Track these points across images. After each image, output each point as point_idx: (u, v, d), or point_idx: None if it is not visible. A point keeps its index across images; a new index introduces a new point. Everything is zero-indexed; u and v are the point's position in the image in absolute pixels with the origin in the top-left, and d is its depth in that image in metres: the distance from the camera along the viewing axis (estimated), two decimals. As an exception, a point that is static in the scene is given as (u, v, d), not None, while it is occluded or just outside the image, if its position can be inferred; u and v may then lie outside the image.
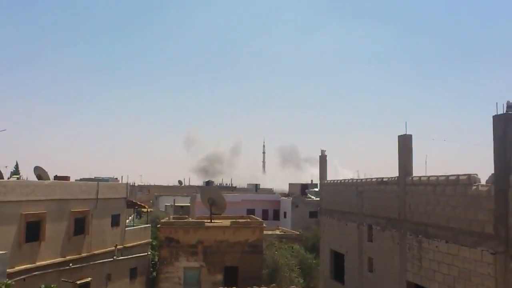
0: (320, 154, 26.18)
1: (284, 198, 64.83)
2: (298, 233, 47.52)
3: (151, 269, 38.40)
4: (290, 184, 76.79)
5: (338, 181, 23.28)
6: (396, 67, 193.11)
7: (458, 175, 12.71)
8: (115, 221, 33.59)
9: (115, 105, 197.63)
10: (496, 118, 11.33)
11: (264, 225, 35.67)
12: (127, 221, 40.63)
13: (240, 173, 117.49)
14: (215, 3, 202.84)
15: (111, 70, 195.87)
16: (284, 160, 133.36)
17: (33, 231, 26.00)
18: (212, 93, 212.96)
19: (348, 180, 22.14)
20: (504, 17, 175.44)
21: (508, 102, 11.28)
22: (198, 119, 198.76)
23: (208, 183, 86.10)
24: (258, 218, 39.44)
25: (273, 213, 64.12)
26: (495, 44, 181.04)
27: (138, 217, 58.28)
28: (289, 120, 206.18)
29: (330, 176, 26.11)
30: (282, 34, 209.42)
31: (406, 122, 16.34)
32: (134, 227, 38.56)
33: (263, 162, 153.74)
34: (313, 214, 53.39)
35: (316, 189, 56.80)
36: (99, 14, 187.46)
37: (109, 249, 32.10)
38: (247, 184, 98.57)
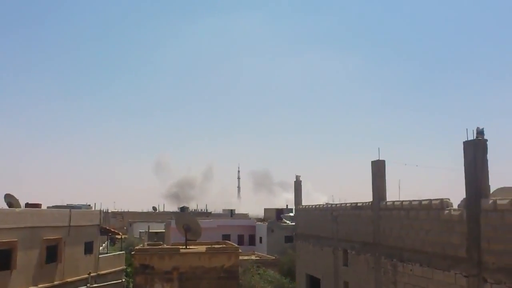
0: (295, 180, 26.32)
1: (259, 223, 64.72)
2: (274, 257, 47.39)
3: (126, 296, 37.86)
4: (265, 209, 76.67)
5: (313, 206, 23.41)
6: (370, 93, 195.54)
7: (431, 200, 12.93)
8: (89, 248, 33.11)
9: (87, 130, 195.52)
10: (467, 144, 11.61)
11: (240, 250, 35.49)
12: (101, 248, 40.09)
13: (213, 199, 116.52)
14: (187, 28, 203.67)
15: (82, 95, 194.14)
16: (257, 185, 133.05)
17: (4, 259, 25.48)
18: (182, 119, 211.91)
19: (323, 205, 22.28)
20: (473, 43, 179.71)
21: (477, 128, 11.56)
22: (169, 144, 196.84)
23: (183, 209, 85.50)
24: (233, 244, 39.24)
25: (249, 238, 63.91)
26: (465, 71, 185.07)
27: (112, 244, 57.52)
28: (261, 145, 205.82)
29: (304, 200, 26.25)
30: (254, 59, 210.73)
31: (379, 148, 16.62)
32: (108, 254, 38.04)
33: (238, 187, 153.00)
34: (288, 239, 53.31)
35: (291, 214, 56.84)
36: (70, 35, 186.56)
37: (82, 276, 31.55)
38: (222, 210, 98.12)
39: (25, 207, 31.89)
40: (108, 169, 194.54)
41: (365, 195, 17.46)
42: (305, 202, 26.02)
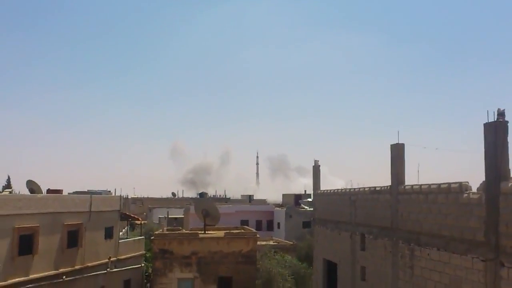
0: (313, 165, 26.29)
1: (277, 208, 64.82)
2: (292, 243, 47.47)
3: (145, 280, 38.27)
4: (283, 195, 76.72)
5: (332, 191, 23.38)
6: (388, 76, 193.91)
7: (450, 183, 12.83)
8: (109, 233, 33.51)
9: (107, 117, 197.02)
10: (487, 126, 11.48)
11: (258, 235, 35.68)
12: (121, 233, 40.50)
13: (229, 185, 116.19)
14: (205, 13, 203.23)
15: (101, 81, 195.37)
16: (274, 170, 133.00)
17: (26, 244, 25.92)
18: (199, 105, 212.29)
19: (341, 189, 22.25)
20: (494, 25, 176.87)
21: (498, 109, 11.41)
22: (185, 130, 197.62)
23: (202, 195, 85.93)
24: (251, 229, 39.44)
25: (267, 224, 64.08)
26: (486, 52, 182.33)
27: (132, 229, 58.08)
28: (278, 130, 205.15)
29: (321, 185, 26.23)
30: (271, 43, 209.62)
31: (398, 131, 16.51)
32: (128, 239, 38.45)
33: (257, 173, 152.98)
34: (306, 224, 53.38)
35: (310, 200, 56.82)
36: (83, 25, 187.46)
37: (102, 261, 32.02)
38: (241, 195, 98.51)
39: (47, 193, 32.33)
40: (128, 155, 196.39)
41: (383, 180, 17.40)
42: (323, 187, 26.01)
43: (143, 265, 38.16)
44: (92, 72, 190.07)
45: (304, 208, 60.52)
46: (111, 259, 32.65)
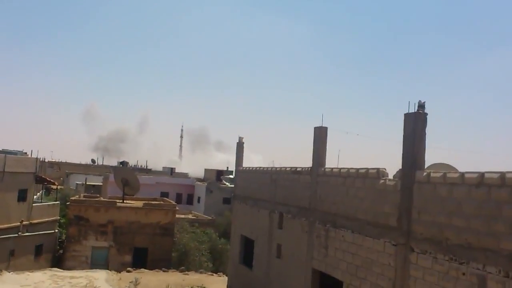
0: (237, 141, 26.34)
1: (199, 183, 64.86)
2: (211, 218, 47.74)
3: (58, 247, 37.37)
4: (205, 170, 76.76)
5: (253, 169, 23.55)
6: (318, 61, 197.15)
7: (368, 169, 13.21)
8: (22, 196, 32.40)
9: (27, 77, 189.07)
10: (407, 116, 11.84)
11: (177, 208, 35.58)
12: (35, 197, 39.25)
13: (145, 155, 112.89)
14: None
15: (23, 42, 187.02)
16: (194, 143, 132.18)
17: None
18: (120, 68, 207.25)
19: (263, 168, 22.44)
20: (419, 15, 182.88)
21: (419, 101, 11.78)
22: (104, 95, 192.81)
23: (123, 163, 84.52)
24: (171, 201, 39.27)
25: (187, 198, 64.08)
26: (410, 45, 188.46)
27: (47, 194, 56.42)
28: (201, 103, 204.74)
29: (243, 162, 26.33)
30: (205, 13, 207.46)
31: (322, 114, 16.78)
32: (42, 203, 37.31)
33: (180, 146, 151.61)
34: (226, 201, 53.80)
35: (231, 176, 57.16)
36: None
37: (14, 224, 30.96)
38: (162, 168, 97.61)
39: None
40: (46, 118, 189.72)
41: (305, 162, 17.66)
42: (244, 164, 26.13)
43: (56, 231, 37.19)
44: (16, 31, 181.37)
45: (225, 184, 60.88)
46: (23, 222, 31.62)
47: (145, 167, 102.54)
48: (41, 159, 57.83)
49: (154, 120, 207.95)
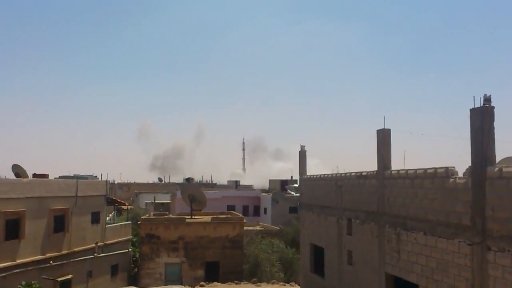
0: (299, 150, 26.32)
1: (264, 194, 65.06)
2: (279, 228, 47.74)
3: (132, 265, 38.33)
4: (270, 180, 76.97)
5: (318, 176, 23.45)
6: (375, 62, 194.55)
7: (436, 168, 12.91)
8: (95, 218, 33.45)
9: (94, 102, 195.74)
10: (473, 111, 11.54)
11: (245, 220, 35.81)
12: (107, 218, 40.46)
13: (202, 169, 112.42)
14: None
15: (87, 66, 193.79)
16: (251, 154, 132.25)
17: (12, 229, 25.83)
18: (174, 87, 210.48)
19: (328, 175, 22.31)
20: (481, 13, 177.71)
21: (485, 95, 11.47)
22: (157, 113, 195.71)
23: (188, 180, 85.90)
24: (238, 214, 39.57)
25: (254, 209, 64.33)
26: (472, 38, 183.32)
27: (118, 214, 58.04)
28: (257, 114, 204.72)
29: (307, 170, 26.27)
30: (253, 27, 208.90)
31: (384, 117, 16.58)
32: (114, 224, 38.41)
33: (243, 158, 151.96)
34: (293, 210, 53.68)
35: (296, 185, 57.05)
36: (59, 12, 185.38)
37: (89, 246, 32.00)
38: (227, 181, 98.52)
39: (33, 178, 32.13)
40: (115, 141, 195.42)
41: (370, 165, 17.44)
42: (308, 172, 26.07)
43: (130, 250, 38.18)
44: (70, 55, 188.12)
45: (290, 193, 60.79)
46: (98, 244, 32.63)
47: (210, 182, 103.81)
48: (110, 182, 59.67)
49: (209, 133, 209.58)
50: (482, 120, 11.19)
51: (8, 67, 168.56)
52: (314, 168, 25.92)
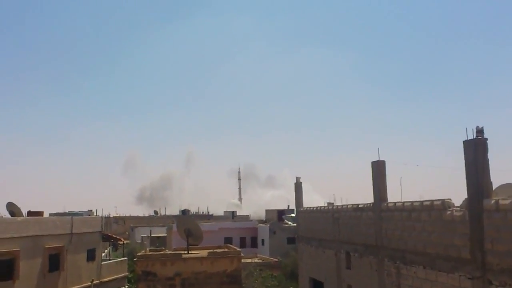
0: (295, 181, 26.23)
1: (261, 225, 64.62)
2: (277, 260, 47.30)
3: (129, 303, 37.83)
4: (266, 211, 76.64)
5: (314, 208, 23.33)
6: (366, 91, 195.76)
7: (432, 201, 12.85)
8: (91, 255, 33.09)
9: (85, 136, 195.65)
10: (467, 143, 11.54)
11: (242, 254, 35.39)
12: (103, 254, 40.04)
13: (190, 199, 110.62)
14: (179, 27, 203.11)
15: (75, 100, 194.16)
16: (243, 181, 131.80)
17: (6, 269, 25.53)
18: (159, 113, 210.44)
19: (324, 207, 22.22)
20: (474, 42, 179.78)
21: (477, 127, 11.49)
22: (144, 146, 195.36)
23: (184, 212, 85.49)
24: (235, 247, 39.08)
25: (251, 241, 63.81)
26: (465, 69, 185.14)
27: (114, 249, 57.47)
28: (249, 142, 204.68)
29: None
30: (247, 57, 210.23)
31: (378, 148, 16.54)
32: (110, 261, 37.99)
33: (239, 188, 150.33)
34: (291, 240, 53.21)
35: (293, 215, 56.74)
36: (62, 33, 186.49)
37: (85, 284, 31.59)
38: (224, 212, 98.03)
39: (27, 216, 31.85)
40: (108, 174, 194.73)
41: (365, 194, 17.40)
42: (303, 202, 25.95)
43: (126, 287, 37.68)
44: (69, 87, 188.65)
45: (288, 223, 60.39)
46: (94, 282, 32.18)
47: (206, 213, 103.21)
48: (106, 216, 59.31)
49: (199, 161, 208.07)
50: (476, 152, 11.19)
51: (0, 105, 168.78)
52: (308, 197, 25.70)
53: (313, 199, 52.10)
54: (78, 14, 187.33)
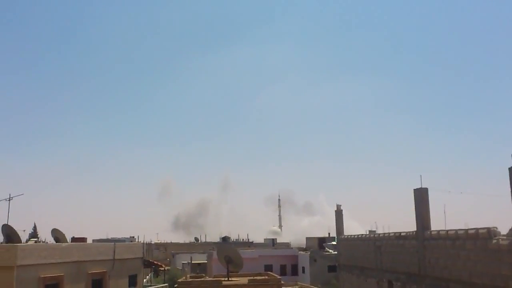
0: (335, 209, 26.08)
1: (301, 252, 64.12)
2: (317, 288, 46.78)
3: (170, 329, 37.89)
4: (307, 238, 76.08)
5: (356, 236, 23.11)
6: (408, 119, 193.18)
7: (478, 229, 12.61)
8: (133, 281, 33.36)
9: (126, 164, 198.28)
10: (512, 171, 11.34)
11: (282, 282, 35.18)
12: (145, 280, 40.34)
13: (227, 227, 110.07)
14: (215, 58, 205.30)
15: (116, 128, 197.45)
16: (281, 208, 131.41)
17: (51, 294, 25.91)
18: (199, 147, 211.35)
19: (366, 235, 21.98)
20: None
21: (522, 154, 11.30)
22: (180, 173, 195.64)
23: (225, 239, 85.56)
24: (275, 275, 38.92)
25: (291, 268, 63.30)
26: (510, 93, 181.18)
27: (156, 276, 57.81)
28: (286, 169, 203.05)
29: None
30: (286, 87, 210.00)
31: (421, 176, 16.36)
32: (152, 287, 38.21)
33: (279, 215, 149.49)
34: (332, 268, 52.58)
35: (334, 243, 56.17)
36: (93, 57, 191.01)
37: (127, 310, 31.81)
38: (264, 239, 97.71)
39: (71, 242, 32.43)
40: (149, 201, 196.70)
41: (407, 222, 17.16)
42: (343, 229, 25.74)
43: (166, 313, 37.83)
44: (104, 120, 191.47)
45: (328, 251, 59.78)
46: (135, 307, 32.44)
47: (246, 240, 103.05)
48: (147, 242, 59.86)
49: (234, 188, 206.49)
50: (522, 179, 10.98)
51: (41, 136, 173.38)
52: (346, 224, 25.49)
53: (352, 226, 51.56)
54: (120, 43, 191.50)
